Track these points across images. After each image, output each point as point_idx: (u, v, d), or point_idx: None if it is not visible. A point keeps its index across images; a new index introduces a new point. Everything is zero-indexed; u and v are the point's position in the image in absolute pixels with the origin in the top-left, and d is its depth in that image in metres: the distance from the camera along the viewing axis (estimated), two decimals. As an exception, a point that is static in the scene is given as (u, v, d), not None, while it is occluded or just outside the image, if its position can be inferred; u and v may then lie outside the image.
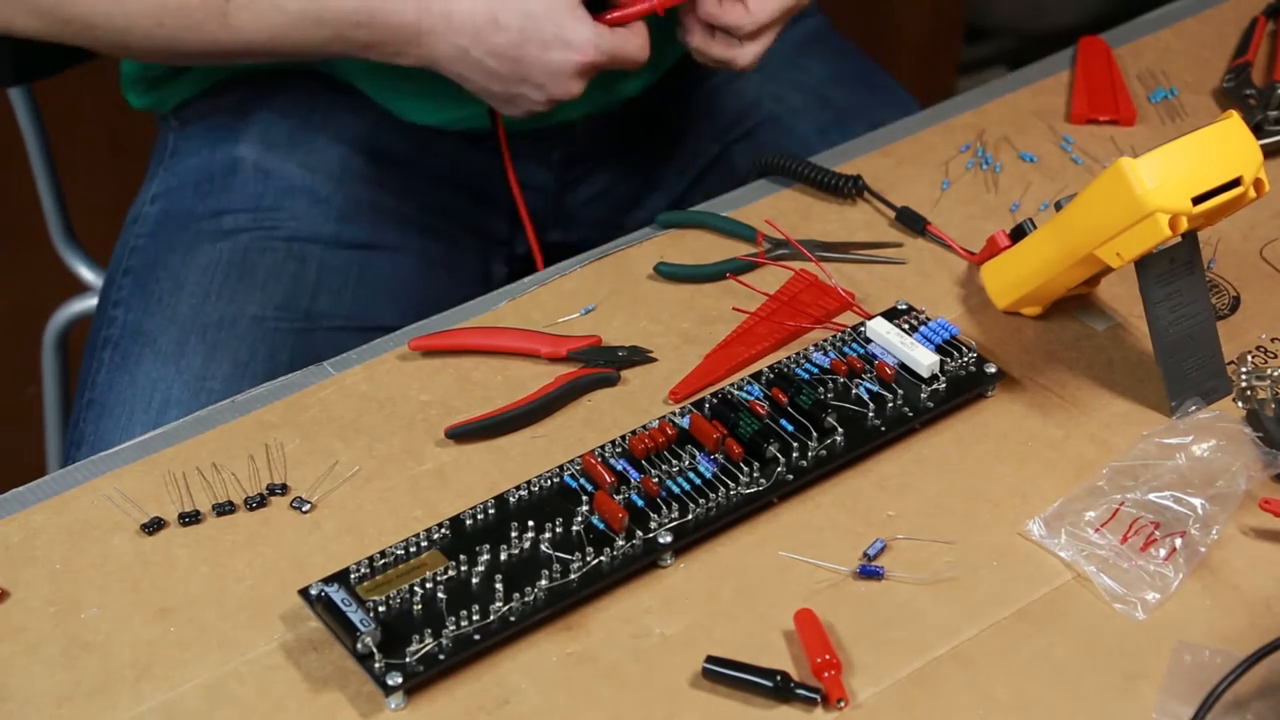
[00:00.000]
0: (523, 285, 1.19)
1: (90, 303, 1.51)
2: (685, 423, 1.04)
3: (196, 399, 1.21)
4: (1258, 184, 1.04)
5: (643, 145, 1.46)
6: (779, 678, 0.90)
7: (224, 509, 1.01)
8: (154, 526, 1.00)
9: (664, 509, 0.98)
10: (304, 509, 1.01)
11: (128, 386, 1.23)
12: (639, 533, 0.97)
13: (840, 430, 1.03)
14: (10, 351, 1.84)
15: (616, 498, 0.99)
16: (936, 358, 1.07)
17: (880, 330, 1.09)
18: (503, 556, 0.96)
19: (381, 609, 0.93)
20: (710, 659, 0.91)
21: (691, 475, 1.01)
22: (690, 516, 0.99)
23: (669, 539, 0.97)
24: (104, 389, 1.24)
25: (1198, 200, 1.01)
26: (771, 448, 1.01)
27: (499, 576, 0.94)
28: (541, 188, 1.42)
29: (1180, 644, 0.92)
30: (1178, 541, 0.97)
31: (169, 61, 1.30)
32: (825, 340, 1.11)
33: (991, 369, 1.08)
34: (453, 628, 0.92)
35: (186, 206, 1.33)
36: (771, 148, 1.37)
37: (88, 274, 1.54)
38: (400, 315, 1.28)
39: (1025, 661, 0.93)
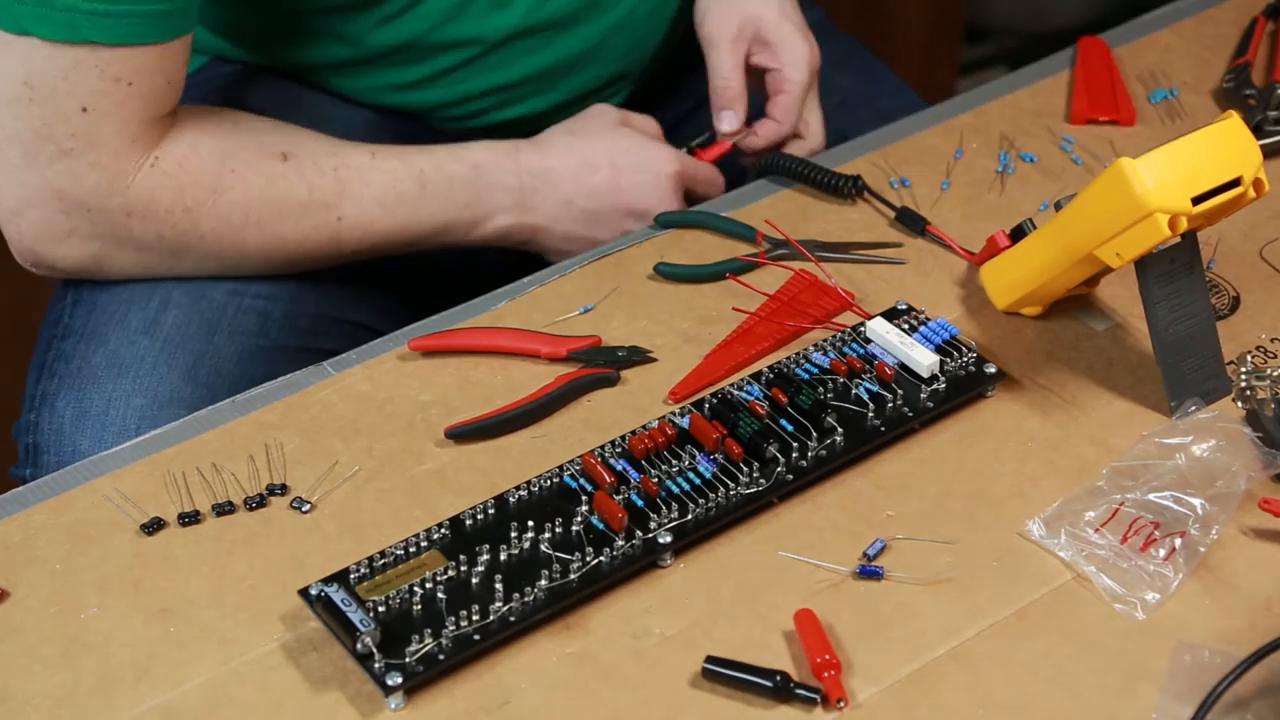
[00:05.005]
0: (523, 285, 1.19)
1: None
2: (685, 423, 1.04)
3: (196, 374, 1.21)
4: (1257, 184, 1.04)
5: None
6: (779, 678, 0.90)
7: (224, 509, 1.01)
8: (154, 526, 1.00)
9: (664, 509, 0.98)
10: (304, 509, 1.01)
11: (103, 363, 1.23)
12: (639, 533, 0.97)
13: (840, 430, 1.03)
14: (9, 351, 1.84)
15: (616, 498, 0.99)
16: (936, 358, 1.07)
17: (880, 330, 1.09)
18: (503, 556, 0.96)
19: (381, 609, 0.93)
20: (710, 659, 0.91)
21: (691, 475, 1.01)
22: (690, 516, 0.99)
23: (669, 539, 0.97)
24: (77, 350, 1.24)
25: (1197, 200, 1.01)
26: (771, 448, 1.01)
27: (499, 576, 0.94)
28: None
29: (1180, 644, 0.92)
30: (1178, 541, 0.97)
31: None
32: (825, 340, 1.10)
33: (991, 369, 1.08)
34: (452, 628, 0.92)
35: None
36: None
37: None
38: (394, 316, 1.28)
39: (1025, 661, 0.93)
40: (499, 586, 0.94)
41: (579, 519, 0.98)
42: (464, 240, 1.27)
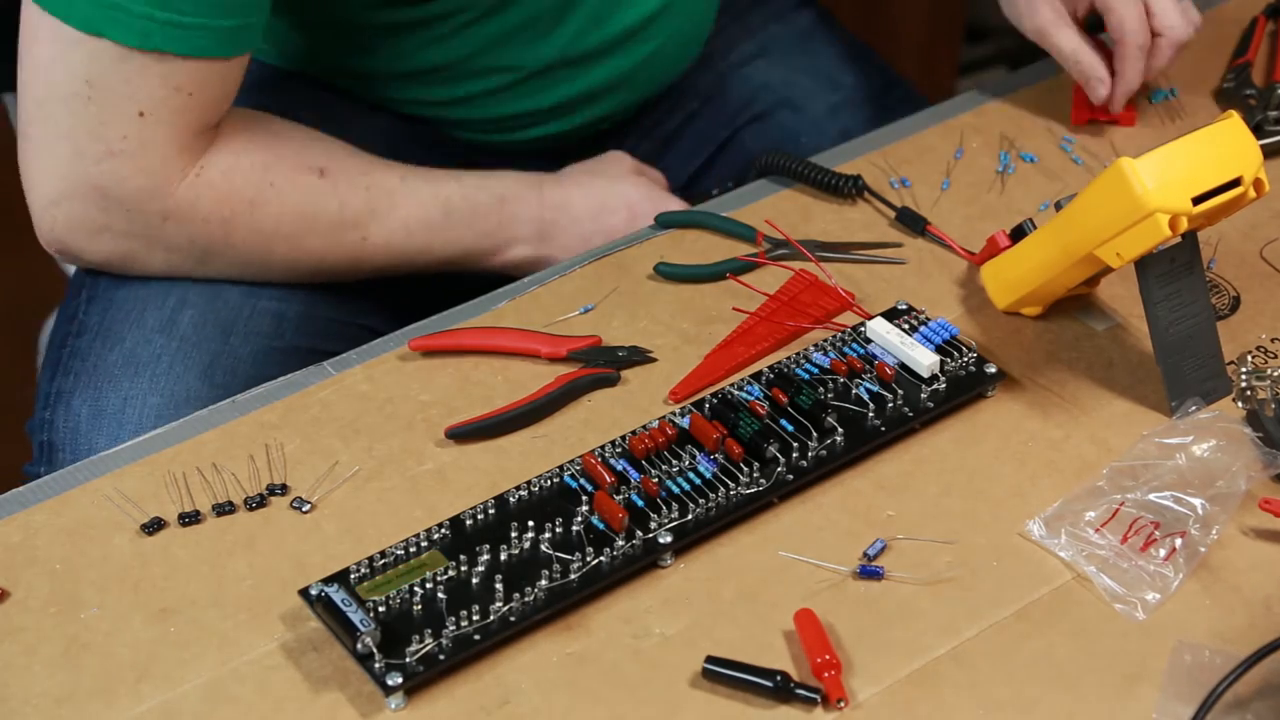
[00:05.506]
0: (522, 285, 1.19)
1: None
2: (685, 423, 1.04)
3: (212, 374, 1.21)
4: (1258, 184, 1.04)
5: (652, 131, 1.47)
6: (779, 678, 0.90)
7: (224, 509, 1.01)
8: (154, 526, 1.00)
9: (664, 509, 0.98)
10: (304, 509, 1.01)
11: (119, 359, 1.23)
12: (639, 533, 0.97)
13: (840, 430, 1.03)
14: (8, 352, 1.84)
15: (616, 498, 0.99)
16: (936, 358, 1.07)
17: (880, 330, 1.09)
18: (503, 556, 0.96)
19: (381, 609, 0.93)
20: (710, 659, 0.91)
21: (691, 475, 1.01)
22: (690, 516, 0.99)
23: (669, 539, 0.97)
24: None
25: (1198, 200, 1.01)
26: (771, 448, 1.01)
27: (499, 576, 0.94)
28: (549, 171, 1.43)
29: (1180, 644, 0.92)
30: (1178, 541, 0.97)
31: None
32: (825, 340, 1.11)
33: (991, 369, 1.08)
34: (453, 628, 0.92)
35: None
36: (782, 131, 1.38)
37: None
38: (407, 320, 1.28)
39: (1025, 661, 0.93)
40: (499, 586, 0.94)
41: (579, 519, 0.98)
42: (480, 267, 1.28)
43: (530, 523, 0.98)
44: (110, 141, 1.12)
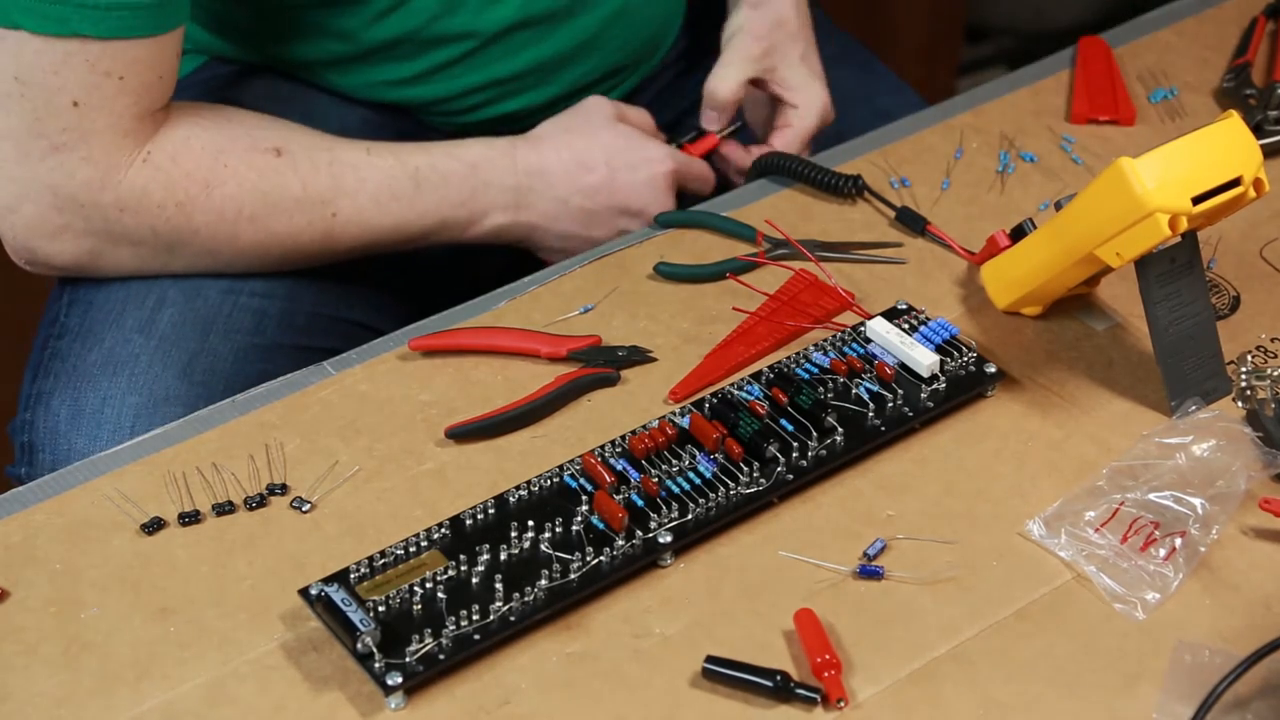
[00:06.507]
0: (523, 285, 1.19)
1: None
2: (685, 423, 1.04)
3: (191, 372, 1.21)
4: (1257, 184, 1.04)
5: None
6: (779, 678, 0.90)
7: (224, 509, 1.01)
8: (154, 526, 1.00)
9: (664, 509, 0.98)
10: (304, 509, 1.01)
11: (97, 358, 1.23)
12: (639, 533, 0.97)
13: (840, 430, 1.03)
14: (8, 351, 1.84)
15: (616, 498, 0.99)
16: (936, 358, 1.07)
17: (880, 330, 1.09)
18: (503, 556, 0.96)
19: (381, 609, 0.93)
20: (710, 659, 0.91)
21: (691, 475, 1.01)
22: (690, 516, 0.99)
23: (669, 539, 0.97)
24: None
25: (1197, 200, 1.01)
26: (771, 448, 1.01)
27: (499, 576, 0.94)
28: None
29: (1180, 644, 0.92)
30: (1178, 541, 0.97)
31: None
32: (825, 340, 1.10)
33: (991, 369, 1.08)
34: (453, 628, 0.92)
35: None
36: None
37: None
38: (392, 314, 1.28)
39: (1025, 661, 0.93)
40: (499, 586, 0.94)
41: (579, 519, 0.98)
42: (459, 238, 1.27)
43: (530, 523, 0.98)
44: (51, 136, 1.12)
